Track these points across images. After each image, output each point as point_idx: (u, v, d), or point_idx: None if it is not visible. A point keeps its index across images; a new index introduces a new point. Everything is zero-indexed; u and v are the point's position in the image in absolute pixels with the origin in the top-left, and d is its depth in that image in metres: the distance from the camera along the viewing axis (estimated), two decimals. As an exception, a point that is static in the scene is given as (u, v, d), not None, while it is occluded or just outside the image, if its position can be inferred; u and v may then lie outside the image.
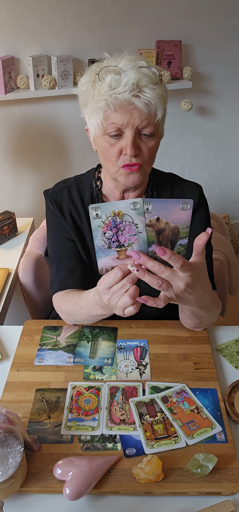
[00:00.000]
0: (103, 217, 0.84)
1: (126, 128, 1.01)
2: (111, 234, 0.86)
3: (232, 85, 2.84)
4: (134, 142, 1.01)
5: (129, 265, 0.87)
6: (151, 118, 1.01)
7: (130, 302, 0.88)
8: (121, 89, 0.97)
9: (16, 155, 2.50)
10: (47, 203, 1.22)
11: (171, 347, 1.13)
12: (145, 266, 0.86)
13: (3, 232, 1.66)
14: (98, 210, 0.84)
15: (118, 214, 0.84)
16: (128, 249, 0.88)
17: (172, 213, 0.84)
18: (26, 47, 2.28)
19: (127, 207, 0.84)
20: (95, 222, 0.85)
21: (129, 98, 0.97)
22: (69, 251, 1.19)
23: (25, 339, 1.16)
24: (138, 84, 0.98)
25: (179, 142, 2.89)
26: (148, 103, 0.99)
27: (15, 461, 0.80)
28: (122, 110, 0.99)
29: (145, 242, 0.87)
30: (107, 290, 0.90)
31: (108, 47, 2.41)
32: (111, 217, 0.85)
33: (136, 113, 0.99)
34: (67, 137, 2.57)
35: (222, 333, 1.20)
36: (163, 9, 2.48)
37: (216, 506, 0.80)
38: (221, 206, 3.26)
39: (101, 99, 1.00)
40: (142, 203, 0.83)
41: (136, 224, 0.85)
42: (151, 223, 0.85)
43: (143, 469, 0.81)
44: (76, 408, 0.97)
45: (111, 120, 1.01)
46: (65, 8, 2.28)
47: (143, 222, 0.85)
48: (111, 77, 0.98)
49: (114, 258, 0.89)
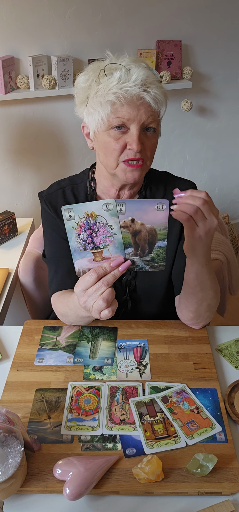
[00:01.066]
0: (77, 219, 0.83)
1: (132, 124, 1.02)
2: (86, 236, 0.85)
3: (232, 85, 2.84)
4: (140, 138, 1.03)
5: None
6: (156, 115, 1.04)
7: (104, 305, 0.86)
8: (131, 84, 0.99)
9: (16, 155, 2.50)
10: (42, 204, 1.22)
11: (171, 347, 1.13)
12: None
13: (3, 232, 1.67)
14: (71, 211, 0.83)
15: (92, 215, 0.83)
16: (104, 251, 0.87)
17: (147, 214, 0.83)
18: (26, 47, 2.28)
19: (99, 208, 0.83)
20: (69, 224, 0.84)
21: (139, 92, 0.99)
22: (66, 251, 1.19)
23: (25, 339, 1.16)
24: (146, 81, 1.00)
25: (179, 142, 2.89)
26: (156, 99, 1.01)
27: (15, 461, 0.81)
28: (130, 104, 1.00)
29: (121, 243, 0.86)
30: (83, 293, 0.88)
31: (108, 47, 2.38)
32: (85, 218, 0.83)
33: (142, 109, 1.01)
34: (67, 137, 2.57)
35: (222, 333, 1.20)
36: (163, 9, 2.48)
37: (216, 506, 0.80)
38: (221, 206, 3.26)
39: (110, 92, 1.01)
40: (115, 204, 0.82)
41: (110, 225, 0.84)
42: (126, 224, 0.84)
43: (143, 469, 0.81)
44: (76, 408, 0.97)
45: (118, 114, 1.02)
46: (65, 8, 2.28)
47: (117, 223, 0.84)
48: (121, 72, 1.00)
49: (90, 260, 0.88)
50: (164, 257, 0.88)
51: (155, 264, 0.88)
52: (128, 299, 1.24)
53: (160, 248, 0.87)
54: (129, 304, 1.25)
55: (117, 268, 0.87)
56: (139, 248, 0.86)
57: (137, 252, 0.87)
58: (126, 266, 0.87)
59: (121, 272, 0.87)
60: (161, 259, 0.88)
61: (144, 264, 0.88)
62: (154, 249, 0.87)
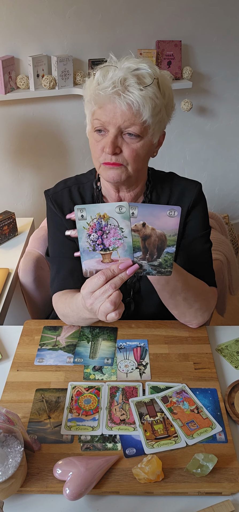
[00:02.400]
0: (89, 219, 0.83)
1: (109, 126, 1.01)
2: (96, 237, 0.85)
3: (232, 85, 2.84)
4: (113, 141, 1.00)
5: None
6: (135, 119, 0.99)
7: (111, 308, 0.86)
8: (105, 85, 0.97)
9: (16, 155, 2.50)
10: (48, 203, 1.22)
11: (171, 347, 1.13)
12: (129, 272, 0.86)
13: (3, 232, 1.67)
14: (83, 212, 0.83)
15: (104, 216, 0.83)
16: (113, 253, 0.87)
17: (159, 220, 0.83)
18: (26, 47, 2.28)
19: (112, 210, 0.82)
20: (80, 223, 0.84)
21: (109, 94, 0.97)
22: (69, 251, 1.19)
23: (25, 339, 1.16)
24: (123, 82, 0.97)
25: (179, 142, 2.89)
26: (130, 103, 0.97)
27: (15, 461, 0.80)
28: (105, 107, 0.99)
29: (130, 247, 0.86)
30: (90, 295, 0.88)
31: (108, 47, 2.41)
32: (97, 219, 0.83)
33: (119, 112, 0.98)
34: (67, 137, 2.57)
35: (222, 333, 1.20)
36: (163, 9, 2.48)
37: (216, 506, 0.80)
38: (221, 206, 3.26)
39: (89, 94, 1.02)
40: (128, 207, 0.82)
41: (121, 228, 0.84)
42: (137, 228, 0.84)
43: (143, 469, 0.81)
44: (76, 408, 0.97)
45: (96, 116, 1.02)
46: (65, 8, 2.28)
47: (129, 226, 0.83)
48: (100, 73, 0.99)
49: (99, 261, 0.88)
50: (172, 263, 0.87)
51: (162, 270, 0.88)
52: (131, 301, 1.24)
53: (168, 254, 0.87)
54: (131, 306, 1.25)
55: (125, 271, 0.86)
56: (148, 253, 0.86)
57: (146, 256, 0.87)
58: (134, 270, 0.86)
59: (129, 275, 0.86)
60: (168, 264, 0.88)
61: (151, 269, 0.88)
62: (162, 255, 0.87)
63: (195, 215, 1.21)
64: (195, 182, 1.23)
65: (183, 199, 1.19)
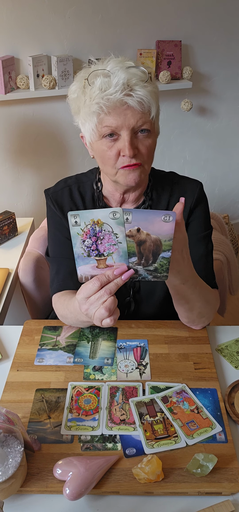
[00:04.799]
0: (82, 225, 0.83)
1: (122, 130, 1.00)
2: (90, 243, 0.84)
3: (232, 85, 2.84)
4: (131, 143, 1.00)
5: None
6: (146, 116, 1.00)
7: (106, 314, 0.86)
8: (112, 90, 0.96)
9: (16, 155, 2.50)
10: (48, 202, 1.22)
11: (171, 347, 1.13)
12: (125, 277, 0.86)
13: (3, 232, 1.67)
14: (77, 218, 0.82)
15: (98, 222, 0.83)
16: (108, 258, 0.86)
17: (153, 225, 0.82)
18: (26, 47, 2.28)
19: (106, 216, 0.82)
20: (74, 230, 0.83)
21: (121, 98, 0.97)
22: (69, 252, 1.19)
23: (25, 339, 1.16)
24: (128, 83, 0.97)
25: (179, 142, 2.89)
26: (141, 101, 0.98)
27: (15, 461, 0.81)
28: (115, 111, 0.98)
29: (125, 252, 0.85)
30: (85, 300, 0.88)
31: (108, 47, 2.41)
32: (91, 225, 0.83)
33: (129, 113, 0.98)
34: (67, 137, 2.57)
35: (222, 333, 1.20)
36: (163, 9, 2.48)
37: (216, 506, 0.80)
38: (221, 206, 3.26)
39: (93, 103, 0.99)
40: (122, 213, 0.81)
41: (116, 234, 0.84)
42: (131, 234, 0.83)
43: (143, 469, 0.81)
44: (76, 408, 0.97)
45: (105, 123, 1.00)
46: (65, 8, 2.28)
47: (123, 232, 0.83)
48: (101, 79, 0.98)
49: (93, 266, 0.87)
50: (167, 268, 0.87)
51: (157, 274, 0.88)
52: (131, 301, 1.24)
53: (164, 259, 0.86)
54: (131, 306, 1.24)
55: (120, 276, 0.86)
56: (143, 258, 0.86)
57: (141, 261, 0.86)
58: (129, 275, 0.86)
59: (124, 280, 0.86)
60: (164, 269, 0.87)
61: (147, 274, 0.88)
62: (158, 260, 0.86)
63: (198, 215, 1.20)
64: (196, 182, 1.23)
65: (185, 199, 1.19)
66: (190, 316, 1.12)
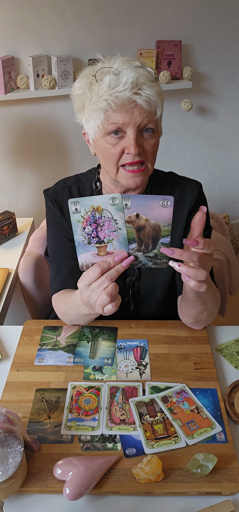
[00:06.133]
0: (83, 212, 0.84)
1: (128, 127, 1.00)
2: (91, 230, 0.85)
3: (232, 85, 2.84)
4: (137, 141, 1.01)
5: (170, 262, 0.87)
6: (152, 116, 1.01)
7: (107, 300, 0.87)
8: (121, 88, 0.97)
9: (16, 155, 2.50)
10: (48, 202, 1.22)
11: (171, 347, 1.13)
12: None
13: (3, 232, 1.67)
14: (77, 205, 0.83)
15: (97, 209, 0.84)
16: (108, 245, 0.87)
17: (152, 210, 0.83)
18: (26, 47, 2.28)
19: (105, 202, 0.83)
20: (74, 217, 0.84)
21: (129, 96, 0.97)
22: (69, 251, 1.19)
23: (25, 339, 1.16)
24: (137, 82, 0.98)
25: (179, 142, 2.89)
26: (149, 100, 0.99)
27: (15, 461, 0.81)
28: (123, 109, 0.99)
29: (125, 239, 0.87)
30: (86, 288, 0.89)
31: (108, 47, 2.41)
32: (91, 212, 0.84)
33: (136, 111, 0.99)
34: (67, 137, 2.57)
35: (222, 333, 1.20)
36: (163, 9, 2.48)
37: (216, 506, 0.80)
38: (221, 206, 3.26)
39: (101, 99, 0.99)
40: (121, 198, 0.82)
41: (116, 220, 0.85)
42: (131, 220, 0.84)
43: (143, 469, 0.81)
44: (76, 408, 0.97)
45: (112, 120, 1.00)
46: (65, 8, 2.28)
47: (122, 218, 0.84)
48: (110, 77, 0.98)
49: (94, 254, 0.88)
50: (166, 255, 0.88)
51: (158, 261, 0.88)
52: (130, 301, 1.24)
53: (163, 245, 0.87)
54: (131, 306, 1.24)
55: (121, 263, 0.87)
56: (143, 244, 0.87)
57: (141, 248, 0.87)
58: (129, 261, 0.87)
59: (124, 267, 0.87)
60: (164, 256, 0.88)
61: (147, 260, 0.88)
62: (157, 245, 0.87)
63: None
64: (195, 182, 1.23)
65: (184, 199, 1.19)
66: (199, 317, 1.11)
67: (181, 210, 1.18)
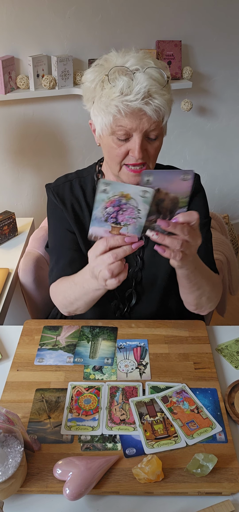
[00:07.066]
0: (110, 194, 0.84)
1: (134, 132, 1.02)
2: (112, 211, 0.86)
3: (232, 85, 2.84)
4: (142, 146, 1.03)
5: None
6: (159, 123, 1.03)
7: (108, 276, 0.89)
8: (132, 97, 0.98)
9: (16, 155, 2.50)
10: (49, 195, 1.24)
11: (171, 347, 1.13)
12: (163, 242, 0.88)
13: (3, 232, 1.67)
14: (108, 186, 0.84)
15: (126, 196, 0.84)
16: (123, 228, 0.89)
17: (172, 184, 0.84)
18: (26, 47, 2.28)
19: (136, 193, 0.84)
20: (101, 196, 0.85)
21: (140, 106, 0.99)
22: (69, 243, 1.20)
23: (25, 339, 1.16)
24: (148, 91, 0.99)
25: (179, 142, 2.89)
26: (158, 110, 1.00)
27: (15, 461, 0.80)
28: (132, 115, 1.00)
29: (141, 227, 0.88)
30: (94, 258, 0.91)
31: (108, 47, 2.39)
32: (118, 197, 0.85)
33: (145, 118, 1.01)
34: (67, 137, 2.57)
35: (222, 333, 1.20)
36: (163, 9, 2.48)
37: (216, 506, 0.80)
38: (221, 206, 3.26)
39: (112, 104, 1.00)
40: (152, 193, 0.83)
41: (139, 209, 0.86)
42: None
43: (143, 469, 0.81)
44: (76, 408, 0.96)
45: (120, 123, 1.02)
46: (65, 8, 2.28)
47: (146, 210, 0.85)
48: (123, 82, 0.98)
49: (106, 231, 0.89)
50: None
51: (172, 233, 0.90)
52: (133, 292, 1.24)
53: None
54: (133, 298, 1.25)
55: (131, 245, 0.88)
56: (161, 216, 0.88)
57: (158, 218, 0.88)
58: (139, 245, 0.89)
59: (133, 249, 0.88)
60: None
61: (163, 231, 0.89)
62: (174, 215, 0.88)
63: (196, 204, 1.22)
64: None
65: None
66: (199, 302, 1.12)
67: None
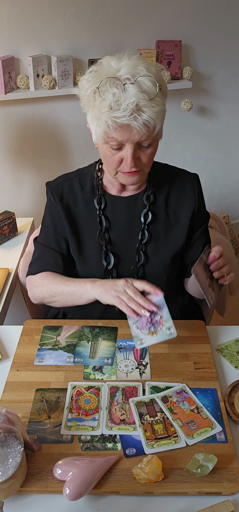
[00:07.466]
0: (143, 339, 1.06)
1: (126, 143, 1.04)
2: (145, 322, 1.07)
3: (232, 85, 2.84)
4: (134, 156, 1.05)
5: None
6: (150, 134, 1.04)
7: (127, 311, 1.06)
8: (120, 114, 0.98)
9: (16, 155, 2.50)
10: (49, 194, 1.26)
11: (171, 347, 1.13)
12: None
13: (3, 232, 1.66)
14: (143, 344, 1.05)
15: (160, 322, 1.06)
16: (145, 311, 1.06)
17: None
18: (26, 47, 2.28)
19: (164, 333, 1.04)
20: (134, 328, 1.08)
21: (127, 122, 0.99)
22: (57, 245, 1.25)
23: (25, 339, 1.16)
24: (137, 104, 0.99)
25: (179, 142, 2.89)
26: (146, 123, 1.01)
27: (15, 461, 0.80)
28: (122, 129, 1.02)
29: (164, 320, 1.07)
30: (127, 284, 1.08)
31: (108, 47, 2.41)
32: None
33: (135, 131, 1.02)
34: (67, 137, 2.57)
35: (222, 333, 1.20)
36: (163, 9, 2.48)
37: (216, 506, 0.80)
38: (221, 206, 3.26)
39: (102, 118, 1.02)
40: (175, 334, 1.02)
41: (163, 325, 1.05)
42: None
43: (143, 469, 0.81)
44: (76, 408, 0.96)
45: (111, 135, 1.04)
46: (65, 8, 2.28)
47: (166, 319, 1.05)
48: (111, 98, 0.99)
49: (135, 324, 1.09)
50: None
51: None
52: None
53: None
54: None
55: (146, 307, 1.05)
56: None
57: None
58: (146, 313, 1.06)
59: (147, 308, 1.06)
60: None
61: None
62: None
63: (200, 205, 1.27)
64: (193, 175, 1.28)
65: (186, 194, 1.25)
66: None
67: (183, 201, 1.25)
